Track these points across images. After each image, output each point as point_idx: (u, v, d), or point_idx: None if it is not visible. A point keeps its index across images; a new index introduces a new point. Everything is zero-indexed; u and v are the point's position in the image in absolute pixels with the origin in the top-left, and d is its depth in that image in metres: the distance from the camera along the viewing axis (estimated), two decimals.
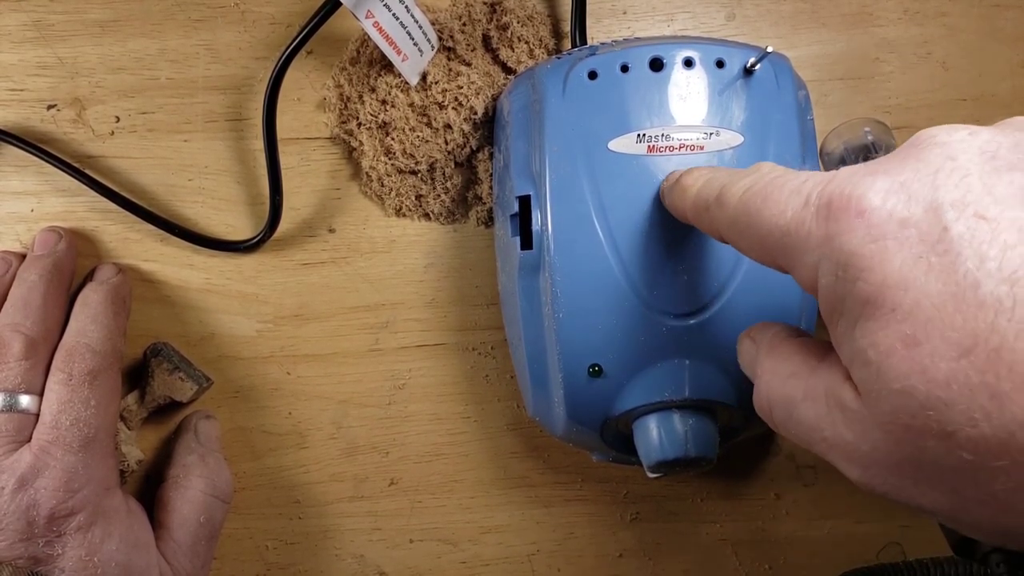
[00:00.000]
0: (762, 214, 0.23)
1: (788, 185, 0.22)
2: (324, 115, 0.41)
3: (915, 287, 0.19)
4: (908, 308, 0.19)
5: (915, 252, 0.19)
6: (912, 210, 0.19)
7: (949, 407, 0.18)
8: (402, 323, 0.41)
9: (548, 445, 0.41)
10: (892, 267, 0.19)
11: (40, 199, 0.40)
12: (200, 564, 0.37)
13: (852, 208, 0.20)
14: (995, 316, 0.17)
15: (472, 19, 0.40)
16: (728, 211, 0.25)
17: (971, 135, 0.20)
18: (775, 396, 0.24)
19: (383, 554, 0.41)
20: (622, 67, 0.33)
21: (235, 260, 0.41)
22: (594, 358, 0.33)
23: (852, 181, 0.21)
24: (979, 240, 0.18)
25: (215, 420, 0.40)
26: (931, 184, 0.19)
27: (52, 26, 0.40)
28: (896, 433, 0.19)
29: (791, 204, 0.22)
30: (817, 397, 0.22)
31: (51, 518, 0.32)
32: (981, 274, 0.18)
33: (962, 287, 0.18)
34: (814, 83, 0.42)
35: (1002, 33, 0.43)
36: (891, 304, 0.19)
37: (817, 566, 0.42)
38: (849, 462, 0.21)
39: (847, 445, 0.21)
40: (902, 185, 0.20)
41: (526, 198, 0.34)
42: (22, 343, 0.34)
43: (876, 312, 0.19)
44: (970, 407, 0.18)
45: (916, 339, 0.18)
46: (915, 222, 0.19)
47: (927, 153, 0.20)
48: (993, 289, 0.18)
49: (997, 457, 0.18)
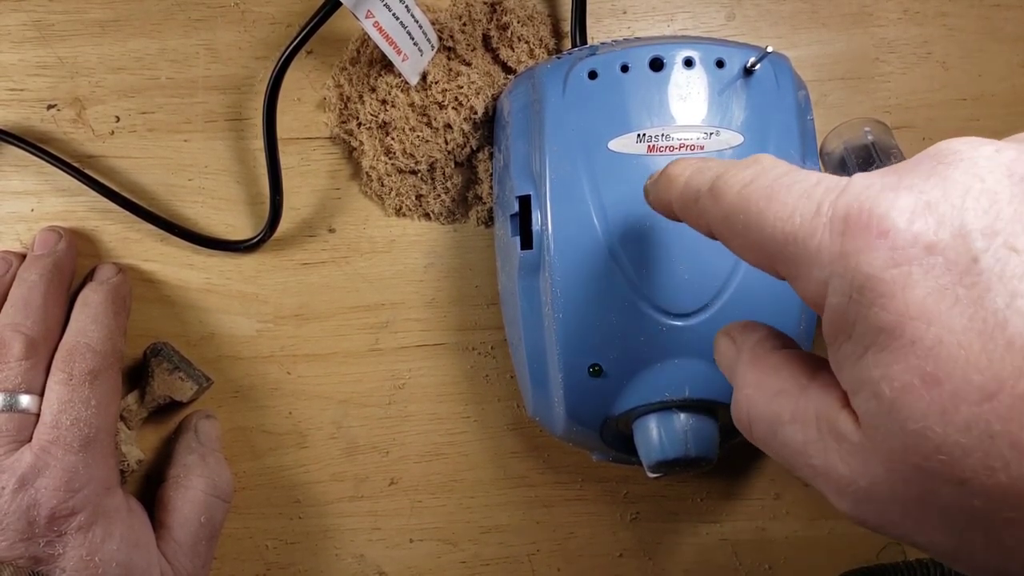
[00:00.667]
0: (764, 215, 0.21)
1: (796, 186, 0.21)
2: (324, 115, 0.41)
3: (939, 321, 0.17)
4: (930, 343, 0.17)
5: (941, 283, 0.17)
6: (940, 235, 0.18)
7: (966, 454, 0.17)
8: (402, 323, 0.41)
9: (548, 445, 0.41)
10: (915, 297, 0.17)
11: (40, 199, 0.40)
12: (200, 564, 0.37)
13: (874, 226, 0.18)
14: (1023, 360, 0.16)
15: (472, 19, 0.40)
16: (723, 205, 0.23)
17: (997, 152, 0.19)
18: (757, 412, 0.23)
19: (383, 554, 0.41)
20: (622, 67, 0.33)
21: (235, 260, 0.41)
22: (594, 358, 0.33)
23: (871, 195, 0.19)
24: (1009, 274, 0.17)
25: (215, 420, 0.40)
26: (960, 207, 0.18)
27: (52, 26, 0.40)
28: (903, 473, 0.18)
29: (800, 209, 0.20)
30: (807, 421, 0.21)
31: (52, 518, 0.32)
32: (1010, 312, 0.17)
33: (989, 325, 0.17)
34: (814, 83, 0.42)
35: (1002, 33, 0.43)
36: (911, 336, 0.18)
37: (817, 566, 0.42)
38: (839, 495, 0.20)
39: (839, 477, 0.20)
40: (928, 206, 0.18)
41: (526, 198, 0.34)
42: (22, 343, 0.34)
43: (893, 343, 0.18)
44: (988, 455, 0.17)
45: (937, 378, 0.17)
46: (942, 248, 0.18)
47: (952, 171, 0.19)
48: (1022, 330, 0.16)
49: (1012, 508, 0.17)
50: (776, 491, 0.42)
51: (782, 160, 0.23)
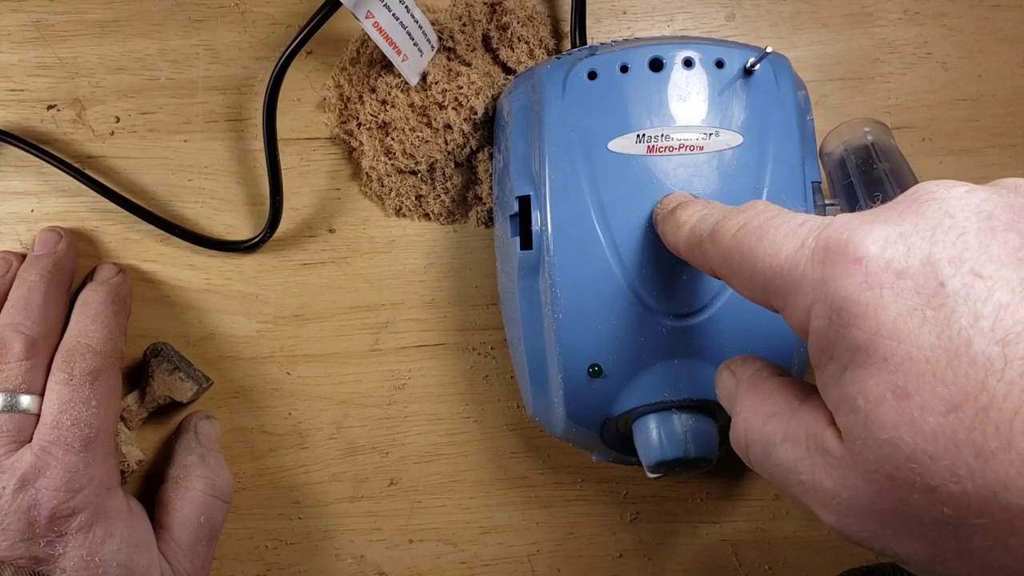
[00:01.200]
0: (756, 253, 0.23)
1: (784, 226, 0.23)
2: (324, 115, 0.41)
3: (908, 339, 0.19)
4: (900, 359, 0.19)
5: (910, 304, 0.19)
6: (910, 262, 0.19)
7: (934, 461, 0.18)
8: (402, 323, 0.41)
9: (548, 445, 0.41)
10: (887, 317, 0.19)
11: (40, 199, 0.40)
12: (200, 564, 0.37)
13: (850, 254, 0.20)
14: (986, 375, 0.18)
15: (472, 19, 0.40)
16: (721, 247, 0.25)
17: (968, 193, 0.21)
18: (753, 435, 0.24)
19: (383, 554, 0.41)
20: (622, 67, 0.33)
21: (235, 260, 0.41)
22: (594, 358, 0.33)
23: (850, 227, 0.21)
24: (974, 298, 0.18)
25: (215, 420, 0.40)
26: (929, 239, 0.20)
27: (52, 26, 0.40)
28: (879, 483, 0.19)
29: (786, 245, 0.22)
30: (797, 440, 0.22)
31: (52, 518, 0.32)
32: (974, 332, 0.18)
33: (955, 343, 0.18)
34: (814, 83, 0.42)
35: (1002, 33, 0.43)
36: (883, 353, 0.19)
37: (817, 566, 0.42)
38: (825, 508, 0.21)
39: (825, 491, 0.21)
40: (900, 236, 0.20)
41: (526, 198, 0.34)
42: (23, 343, 0.34)
43: (868, 360, 0.19)
44: (955, 463, 0.18)
45: (907, 391, 0.19)
46: (912, 274, 0.19)
47: (925, 208, 0.20)
48: (985, 348, 0.18)
49: (978, 515, 0.18)
50: (776, 491, 0.42)
51: (774, 204, 0.25)
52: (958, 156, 0.43)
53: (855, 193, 0.38)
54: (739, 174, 0.33)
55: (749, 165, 0.33)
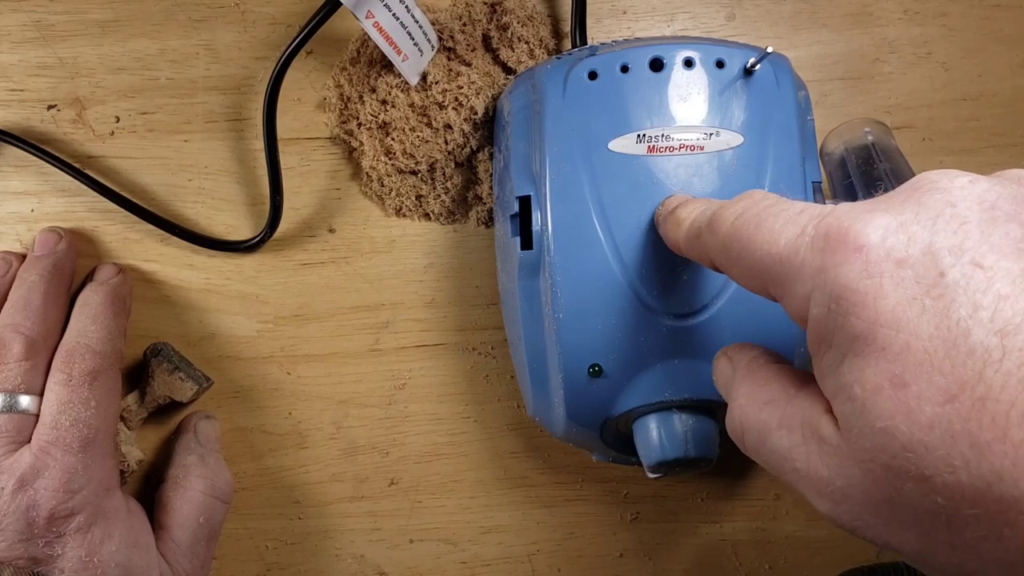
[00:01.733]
0: (754, 241, 0.23)
1: (783, 214, 0.23)
2: (324, 115, 0.41)
3: (907, 328, 0.19)
4: (898, 349, 0.19)
5: (910, 293, 0.19)
6: (910, 251, 0.19)
7: (929, 451, 0.18)
8: (402, 323, 0.41)
9: (548, 445, 0.41)
10: (886, 306, 0.19)
11: (40, 199, 0.40)
12: (200, 564, 0.37)
13: (850, 242, 0.20)
14: (983, 366, 0.18)
15: (472, 19, 0.40)
16: (719, 237, 0.25)
17: (971, 183, 0.21)
18: (749, 421, 0.24)
19: (383, 554, 0.41)
20: (622, 67, 0.33)
21: (235, 260, 0.41)
22: (594, 358, 0.33)
23: (851, 215, 0.21)
24: (973, 288, 0.18)
25: (215, 420, 0.40)
26: (930, 228, 0.20)
27: (52, 26, 0.40)
28: (874, 472, 0.19)
29: (785, 232, 0.22)
30: (793, 427, 0.22)
31: (51, 518, 0.32)
32: (973, 322, 0.18)
33: (954, 333, 0.18)
34: (814, 83, 0.42)
35: (1002, 33, 0.43)
36: (882, 343, 0.19)
37: (817, 566, 0.42)
38: (820, 496, 0.21)
39: (820, 479, 0.21)
40: (901, 225, 0.20)
41: (526, 198, 0.34)
42: (22, 343, 0.34)
43: (866, 349, 0.19)
44: (950, 453, 0.18)
45: (904, 380, 0.18)
46: (912, 263, 0.19)
47: (927, 197, 0.20)
48: (983, 339, 0.18)
49: (971, 505, 0.18)
50: (776, 491, 0.42)
51: (772, 193, 0.25)
52: (958, 156, 0.43)
53: (855, 193, 0.38)
54: (739, 174, 0.33)
55: (749, 165, 0.33)
